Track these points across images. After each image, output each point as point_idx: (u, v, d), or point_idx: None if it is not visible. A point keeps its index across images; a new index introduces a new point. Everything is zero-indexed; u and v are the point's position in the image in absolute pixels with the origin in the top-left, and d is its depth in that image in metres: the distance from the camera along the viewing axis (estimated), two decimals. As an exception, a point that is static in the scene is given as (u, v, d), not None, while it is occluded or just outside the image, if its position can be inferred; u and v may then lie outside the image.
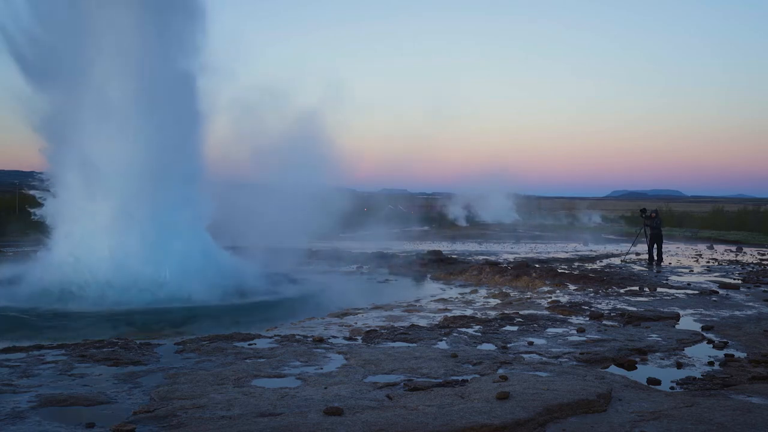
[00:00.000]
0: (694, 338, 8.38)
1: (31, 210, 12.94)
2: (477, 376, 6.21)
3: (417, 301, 12.10)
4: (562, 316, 9.96)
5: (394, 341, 7.96)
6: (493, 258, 19.48)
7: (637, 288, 13.26)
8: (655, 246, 19.32)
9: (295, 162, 14.56)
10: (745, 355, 7.52)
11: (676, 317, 9.93)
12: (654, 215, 19.93)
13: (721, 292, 12.83)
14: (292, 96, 14.66)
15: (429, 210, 51.46)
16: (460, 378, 6.11)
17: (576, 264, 18.34)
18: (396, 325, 9.20)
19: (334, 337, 8.16)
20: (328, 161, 14.98)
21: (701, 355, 7.50)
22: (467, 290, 13.70)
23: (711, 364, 7.11)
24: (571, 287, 13.26)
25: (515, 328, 8.95)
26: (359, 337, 8.20)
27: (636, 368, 6.90)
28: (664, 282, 14.39)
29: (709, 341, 8.27)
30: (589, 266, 17.72)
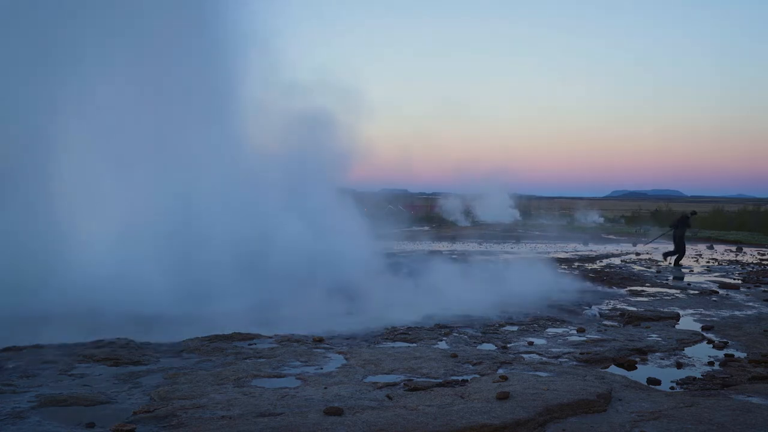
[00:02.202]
0: (694, 338, 8.38)
1: None
2: (477, 376, 6.21)
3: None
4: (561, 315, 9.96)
5: (394, 341, 7.96)
6: (493, 258, 19.47)
7: (637, 288, 13.26)
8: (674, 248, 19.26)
9: (305, 161, 14.58)
10: (745, 355, 7.52)
11: (676, 317, 9.93)
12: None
13: (721, 292, 12.84)
14: (305, 95, 14.57)
15: (429, 210, 51.38)
16: (460, 378, 6.11)
17: (576, 264, 18.32)
18: (396, 324, 9.18)
19: (334, 337, 8.15)
20: (339, 161, 15.02)
21: (701, 355, 7.50)
22: (467, 290, 13.68)
23: (711, 364, 7.12)
24: (571, 287, 13.25)
25: (515, 328, 8.95)
26: (359, 337, 8.20)
27: (636, 368, 6.90)
28: (664, 282, 14.40)
29: (709, 341, 8.28)
30: (589, 266, 17.72)
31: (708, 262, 19.92)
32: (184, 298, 9.56)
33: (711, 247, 26.09)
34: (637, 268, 17.66)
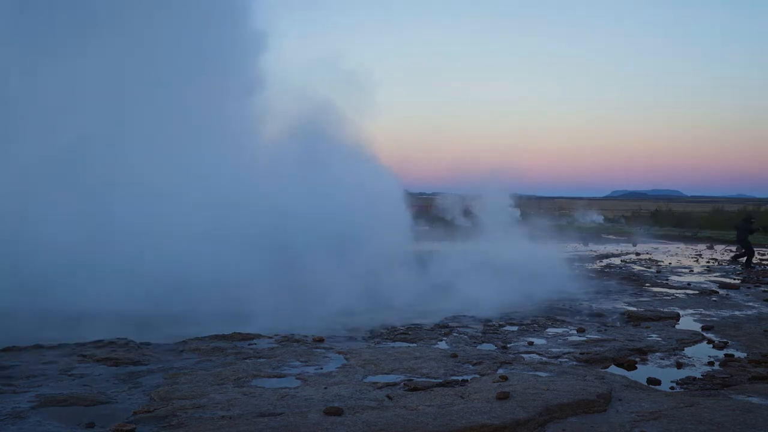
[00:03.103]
0: (694, 338, 8.39)
1: None
2: (477, 376, 6.21)
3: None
4: (562, 315, 9.96)
5: (394, 341, 7.96)
6: (493, 257, 19.44)
7: (637, 288, 13.27)
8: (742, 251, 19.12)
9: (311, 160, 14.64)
10: (745, 355, 7.52)
11: (676, 317, 9.94)
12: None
13: (721, 292, 12.85)
14: (309, 92, 14.70)
15: (428, 210, 51.27)
16: (460, 378, 6.11)
17: (576, 264, 18.33)
18: (396, 324, 9.20)
19: (334, 336, 8.16)
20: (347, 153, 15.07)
21: (701, 355, 7.51)
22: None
23: (711, 364, 7.12)
24: (571, 287, 13.25)
25: (515, 328, 8.96)
26: (359, 337, 8.20)
27: (636, 368, 6.91)
28: (664, 282, 14.40)
29: (709, 341, 8.28)
30: (590, 266, 17.73)
31: (708, 262, 19.92)
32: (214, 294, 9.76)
33: (711, 247, 26.07)
34: (637, 268, 17.67)
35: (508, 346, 7.77)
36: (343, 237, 12.57)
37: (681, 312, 10.38)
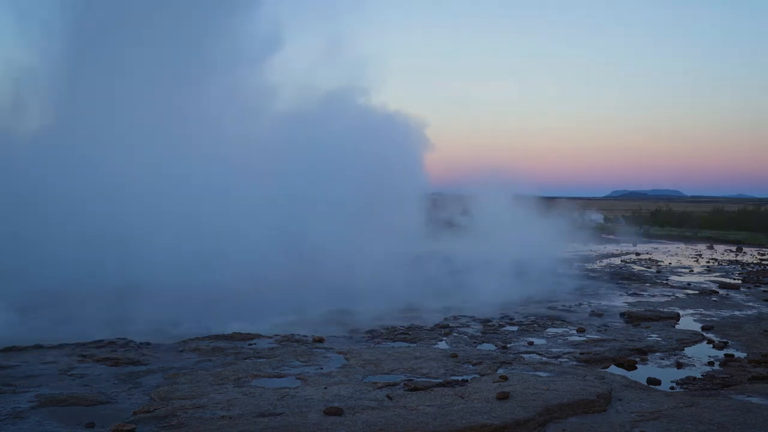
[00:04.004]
0: (694, 338, 8.39)
1: None
2: (477, 376, 6.21)
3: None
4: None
5: (394, 341, 7.96)
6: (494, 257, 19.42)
7: (637, 288, 13.27)
8: None
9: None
10: (745, 355, 7.53)
11: (676, 317, 9.94)
12: None
13: (721, 292, 12.85)
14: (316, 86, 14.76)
15: (429, 209, 51.11)
16: (460, 378, 6.11)
17: (576, 264, 18.32)
18: (396, 324, 9.20)
19: (334, 336, 8.16)
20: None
21: (701, 355, 7.51)
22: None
23: (711, 364, 7.13)
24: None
25: (515, 328, 8.96)
26: (359, 337, 8.20)
27: (636, 368, 6.91)
28: (665, 282, 14.40)
29: (709, 341, 8.29)
30: (590, 266, 17.72)
31: (708, 262, 19.91)
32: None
33: (711, 247, 26.06)
34: (637, 268, 17.66)
35: (508, 346, 7.77)
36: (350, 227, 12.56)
37: (681, 312, 10.38)
